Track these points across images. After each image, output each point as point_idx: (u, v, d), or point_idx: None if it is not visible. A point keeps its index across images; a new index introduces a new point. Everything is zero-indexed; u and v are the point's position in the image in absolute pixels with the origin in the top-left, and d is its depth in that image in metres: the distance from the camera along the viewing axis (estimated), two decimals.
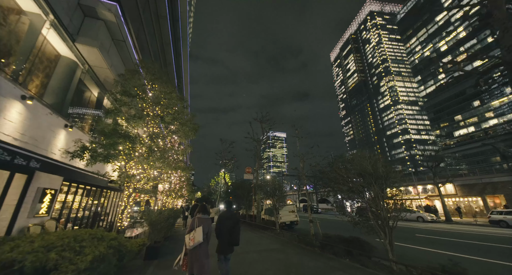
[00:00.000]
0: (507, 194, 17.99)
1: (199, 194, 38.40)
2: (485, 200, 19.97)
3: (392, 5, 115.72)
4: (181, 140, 6.57)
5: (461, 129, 68.39)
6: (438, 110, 74.59)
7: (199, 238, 3.50)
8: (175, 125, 5.97)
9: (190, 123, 6.27)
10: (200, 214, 3.88)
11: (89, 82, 7.71)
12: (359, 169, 6.47)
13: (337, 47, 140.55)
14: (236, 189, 17.67)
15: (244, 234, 11.20)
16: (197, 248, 3.55)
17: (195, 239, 3.50)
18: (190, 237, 3.56)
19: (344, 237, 7.42)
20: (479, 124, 62.86)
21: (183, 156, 6.58)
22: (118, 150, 4.66)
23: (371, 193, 6.45)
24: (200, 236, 3.52)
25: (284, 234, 10.14)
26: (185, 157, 14.14)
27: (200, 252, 3.56)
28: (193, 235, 3.54)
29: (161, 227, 6.84)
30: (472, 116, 64.90)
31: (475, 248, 8.73)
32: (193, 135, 6.37)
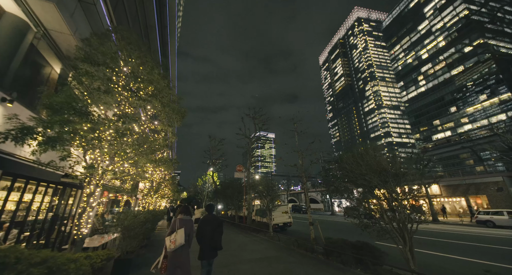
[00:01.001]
0: (489, 194, 18.59)
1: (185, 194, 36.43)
2: (468, 200, 20.57)
3: (378, 12, 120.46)
4: (163, 127, 5.31)
5: (439, 134, 72.16)
6: (418, 115, 78.22)
7: (180, 240, 3.36)
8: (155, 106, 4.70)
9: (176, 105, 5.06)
10: (181, 215, 3.72)
11: (48, 53, 6.18)
12: (374, 165, 5.66)
13: (326, 51, 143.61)
14: (225, 188, 16.44)
15: (235, 237, 10.05)
16: (178, 251, 3.39)
17: (176, 241, 3.34)
18: (171, 239, 3.39)
19: (351, 242, 6.55)
20: (455, 129, 66.62)
21: (166, 147, 5.32)
22: (72, 132, 3.35)
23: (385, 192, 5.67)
24: (181, 238, 3.37)
25: (279, 237, 9.16)
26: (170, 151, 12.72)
27: (182, 255, 3.43)
28: (175, 237, 3.37)
29: (135, 234, 5.53)
30: (449, 122, 68.65)
31: (488, 252, 8.12)
32: (179, 120, 5.15)
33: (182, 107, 5.32)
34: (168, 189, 14.96)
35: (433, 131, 73.00)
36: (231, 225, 15.69)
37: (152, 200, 11.90)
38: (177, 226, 3.53)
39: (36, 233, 6.38)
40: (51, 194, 6.70)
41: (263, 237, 9.91)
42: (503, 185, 17.46)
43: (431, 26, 72.87)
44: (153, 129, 5.57)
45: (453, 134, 67.02)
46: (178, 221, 3.60)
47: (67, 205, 7.73)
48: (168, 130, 5.23)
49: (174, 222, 3.64)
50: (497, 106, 55.09)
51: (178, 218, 3.68)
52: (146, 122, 4.83)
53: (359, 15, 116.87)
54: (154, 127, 5.20)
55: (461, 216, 17.12)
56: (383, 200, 5.66)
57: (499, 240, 10.35)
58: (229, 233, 11.40)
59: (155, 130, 5.57)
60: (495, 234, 12.12)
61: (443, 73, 68.81)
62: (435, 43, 71.61)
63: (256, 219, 14.37)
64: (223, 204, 18.54)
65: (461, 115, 64.04)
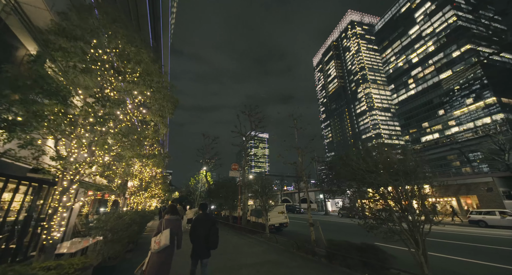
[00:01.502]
0: (479, 194, 18.96)
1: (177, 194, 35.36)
2: (459, 200, 20.97)
3: (370, 16, 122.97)
4: (153, 117, 4.69)
5: (428, 135, 74.19)
6: (408, 117, 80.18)
7: (165, 241, 3.27)
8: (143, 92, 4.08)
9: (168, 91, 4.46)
10: (168, 215, 3.65)
11: (20, 31, 5.42)
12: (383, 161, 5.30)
13: (320, 52, 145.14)
14: (219, 188, 15.82)
15: (230, 239, 9.50)
16: (162, 252, 3.30)
17: (161, 242, 3.26)
18: (156, 240, 3.32)
19: (355, 244, 6.15)
20: (443, 131, 68.73)
21: (156, 141, 4.70)
22: (39, 115, 2.71)
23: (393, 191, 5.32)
24: (166, 239, 3.29)
25: (277, 239, 8.67)
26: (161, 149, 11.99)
27: (165, 257, 3.32)
28: (159, 238, 3.30)
29: (119, 237, 4.89)
30: (437, 124, 70.71)
31: (495, 253, 7.82)
32: (170, 109, 4.56)
33: (174, 96, 4.74)
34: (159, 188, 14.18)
35: (422, 133, 74.97)
36: (225, 225, 15.10)
37: (141, 200, 11.14)
38: (163, 227, 3.44)
39: (5, 236, 5.61)
40: (24, 192, 5.92)
41: (259, 239, 9.41)
42: (492, 185, 17.84)
43: (421, 31, 74.99)
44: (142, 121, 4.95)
45: (441, 136, 69.13)
46: (165, 221, 3.51)
47: (45, 205, 6.94)
48: (159, 121, 4.62)
49: (161, 222, 3.55)
50: (482, 110, 57.28)
51: (165, 218, 3.61)
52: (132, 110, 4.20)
53: (352, 18, 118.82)
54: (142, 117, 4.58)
55: (453, 216, 17.36)
56: (391, 200, 5.29)
57: (498, 241, 10.28)
58: (223, 234, 10.83)
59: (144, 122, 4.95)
60: (492, 234, 12.13)
61: (432, 77, 70.92)
62: (425, 47, 73.73)
63: (251, 219, 13.86)
64: (216, 204, 17.90)
65: (448, 118, 66.10)
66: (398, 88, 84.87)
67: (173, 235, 3.44)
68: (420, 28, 75.49)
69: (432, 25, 70.85)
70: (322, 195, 32.69)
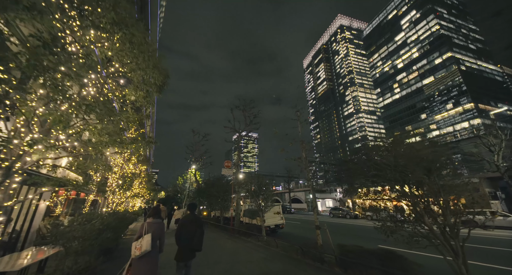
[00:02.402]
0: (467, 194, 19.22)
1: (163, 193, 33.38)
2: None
3: (359, 22, 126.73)
4: (134, 93, 3.57)
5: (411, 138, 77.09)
6: (393, 121, 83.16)
7: (146, 246, 3.02)
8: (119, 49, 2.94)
9: (154, 59, 3.38)
10: (151, 218, 3.42)
11: None
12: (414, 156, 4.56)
13: (310, 55, 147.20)
14: (209, 187, 14.66)
15: (224, 244, 8.44)
16: (144, 258, 3.05)
17: (142, 247, 3.01)
18: (136, 245, 3.07)
19: (370, 250, 5.38)
20: (425, 134, 71.83)
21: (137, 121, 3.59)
22: None
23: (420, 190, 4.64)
24: (148, 244, 3.03)
25: (277, 243, 7.77)
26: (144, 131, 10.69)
27: (148, 263, 3.08)
28: (140, 243, 3.05)
29: (87, 247, 3.74)
30: (419, 127, 73.84)
31: None
32: (158, 81, 3.47)
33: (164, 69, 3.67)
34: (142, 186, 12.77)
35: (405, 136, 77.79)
36: (216, 227, 13.95)
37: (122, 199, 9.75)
38: (144, 231, 3.23)
39: None
40: None
41: (256, 243, 8.45)
42: (479, 186, 18.32)
43: (407, 37, 78.15)
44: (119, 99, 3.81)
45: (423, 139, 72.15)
46: (147, 225, 3.30)
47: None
48: (142, 97, 3.51)
49: (142, 226, 3.33)
50: (460, 115, 60.61)
51: (147, 221, 3.38)
52: (104, 77, 3.06)
53: (341, 23, 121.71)
54: (119, 92, 3.43)
55: None
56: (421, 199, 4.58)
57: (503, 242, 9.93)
58: (215, 238, 9.75)
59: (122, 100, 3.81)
60: (491, 235, 11.88)
61: (416, 82, 74.06)
62: (410, 54, 76.90)
63: (244, 220, 12.89)
64: (206, 204, 16.70)
65: (430, 122, 69.30)
66: (384, 92, 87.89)
67: (155, 239, 3.25)
68: (406, 35, 78.62)
69: (417, 32, 74.01)
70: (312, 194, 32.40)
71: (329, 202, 35.90)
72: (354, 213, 22.99)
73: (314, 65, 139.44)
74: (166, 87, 3.76)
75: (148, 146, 3.80)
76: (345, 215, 23.59)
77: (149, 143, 3.85)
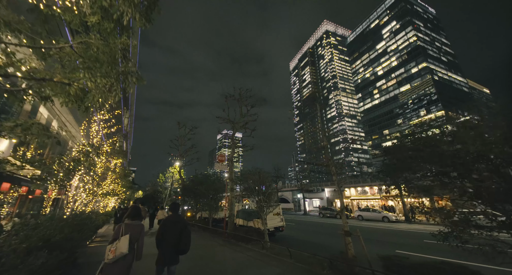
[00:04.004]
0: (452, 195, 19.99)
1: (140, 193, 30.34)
2: (432, 200, 22.13)
3: (343, 29, 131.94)
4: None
5: (388, 142, 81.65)
6: (371, 125, 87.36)
7: (122, 249, 2.75)
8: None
9: None
10: (128, 219, 3.13)
11: None
12: None
13: (296, 58, 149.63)
14: (197, 184, 13.02)
15: (220, 252, 7.00)
16: (119, 263, 2.75)
17: (116, 250, 2.73)
18: (111, 248, 2.78)
19: (430, 264, 4.19)
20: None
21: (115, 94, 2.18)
22: None
23: None
24: (124, 247, 2.76)
25: (290, 252, 6.22)
26: None
27: (123, 268, 2.80)
28: (115, 246, 2.77)
29: None
30: (396, 132, 78.25)
31: None
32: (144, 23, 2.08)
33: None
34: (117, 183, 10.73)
35: (383, 139, 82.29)
36: (205, 231, 12.32)
37: (89, 197, 7.79)
38: (121, 232, 2.93)
39: None
40: None
41: (260, 251, 7.07)
42: None
43: (387, 46, 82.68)
44: None
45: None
46: (124, 226, 3.00)
47: None
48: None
49: (119, 227, 3.01)
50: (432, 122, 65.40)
51: (125, 222, 3.08)
52: None
53: (327, 29, 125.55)
54: None
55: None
56: None
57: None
58: (207, 246, 8.23)
59: None
60: None
61: (394, 89, 78.53)
62: (389, 62, 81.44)
63: (238, 222, 11.52)
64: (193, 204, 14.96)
65: (405, 127, 73.84)
66: (364, 98, 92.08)
67: (133, 242, 2.97)
68: (386, 44, 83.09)
69: (396, 42, 78.56)
70: (302, 194, 31.98)
71: (317, 202, 35.76)
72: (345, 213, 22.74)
73: (300, 68, 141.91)
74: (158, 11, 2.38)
75: (138, 81, 2.36)
76: (335, 215, 23.30)
77: (139, 78, 2.41)
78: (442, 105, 63.11)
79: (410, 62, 72.84)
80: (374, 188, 27.58)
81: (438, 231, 3.92)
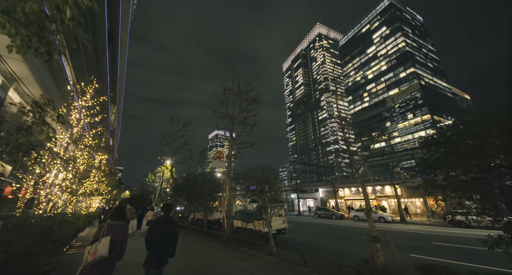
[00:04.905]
0: None
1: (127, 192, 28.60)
2: (425, 201, 22.52)
3: (336, 32, 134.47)
4: None
5: (376, 144, 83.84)
6: (361, 127, 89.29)
7: (102, 251, 2.54)
8: None
9: None
10: (111, 219, 2.93)
11: None
12: None
13: (289, 59, 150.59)
14: (192, 184, 12.08)
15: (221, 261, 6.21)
16: (98, 266, 2.55)
17: (96, 252, 2.53)
18: (90, 249, 2.58)
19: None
20: (388, 141, 78.54)
21: None
22: None
23: None
24: (104, 250, 2.55)
25: (305, 259, 5.40)
26: None
27: (103, 271, 2.62)
28: (95, 248, 2.57)
29: None
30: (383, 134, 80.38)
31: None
32: None
33: None
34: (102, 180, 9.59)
35: (372, 141, 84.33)
36: (200, 233, 11.37)
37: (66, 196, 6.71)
38: (102, 233, 2.73)
39: None
40: None
41: (267, 258, 6.28)
42: None
43: (377, 51, 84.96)
44: None
45: (387, 145, 79.08)
46: (106, 227, 2.80)
47: None
48: None
49: (101, 227, 2.81)
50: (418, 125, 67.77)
51: (106, 223, 2.88)
52: None
53: (320, 31, 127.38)
54: None
55: (429, 216, 18.09)
56: None
57: None
58: (206, 251, 7.38)
59: None
60: None
61: (383, 93, 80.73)
62: (379, 66, 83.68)
63: (236, 224, 10.71)
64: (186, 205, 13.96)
65: (393, 130, 76.06)
66: (355, 100, 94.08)
67: (115, 244, 2.75)
68: (376, 48, 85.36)
69: (386, 47, 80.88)
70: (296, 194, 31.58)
71: (311, 202, 35.51)
72: (340, 213, 22.56)
73: (293, 70, 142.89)
74: None
75: None
76: (331, 216, 23.01)
77: None
78: (428, 109, 65.52)
79: (399, 67, 75.17)
80: (368, 188, 27.69)
81: (487, 236, 3.38)
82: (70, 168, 5.81)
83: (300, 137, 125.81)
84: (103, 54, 12.09)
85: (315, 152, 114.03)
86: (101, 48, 11.57)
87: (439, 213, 20.73)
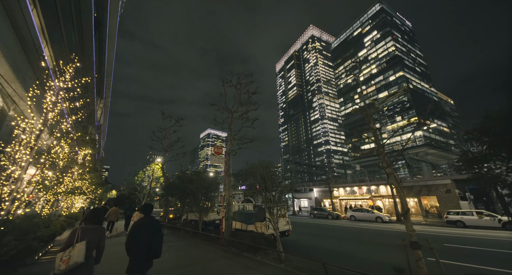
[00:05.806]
0: (439, 195, 20.75)
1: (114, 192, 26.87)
2: (420, 201, 22.70)
3: (328, 35, 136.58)
4: None
5: (366, 145, 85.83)
6: (352, 128, 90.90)
7: (77, 257, 2.33)
8: None
9: None
10: (85, 223, 2.74)
11: None
12: None
13: (282, 60, 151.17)
14: (187, 182, 11.19)
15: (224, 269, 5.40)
16: (75, 273, 2.34)
17: (70, 259, 2.30)
18: (63, 256, 2.33)
19: None
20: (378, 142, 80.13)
21: None
22: None
23: None
24: (80, 256, 2.35)
25: (326, 269, 4.63)
26: None
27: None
28: (69, 254, 2.34)
29: None
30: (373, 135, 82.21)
31: None
32: None
33: None
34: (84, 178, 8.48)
35: (362, 142, 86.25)
36: (195, 236, 10.48)
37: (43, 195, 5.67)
38: (77, 238, 2.51)
39: None
40: None
41: (278, 266, 5.48)
42: (451, 187, 19.73)
43: (368, 54, 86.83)
44: None
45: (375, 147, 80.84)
46: (81, 231, 2.58)
47: None
48: None
49: (74, 232, 2.59)
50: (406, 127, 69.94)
51: (81, 227, 2.67)
52: None
53: (313, 33, 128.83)
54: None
55: (426, 216, 18.20)
56: None
57: None
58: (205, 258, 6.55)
59: None
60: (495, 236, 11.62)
61: (373, 95, 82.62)
62: (369, 69, 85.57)
63: (235, 226, 9.94)
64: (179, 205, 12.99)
65: (382, 131, 78.01)
66: (346, 102, 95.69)
67: (91, 249, 2.58)
68: (367, 52, 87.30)
69: (377, 51, 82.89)
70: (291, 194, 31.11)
71: (305, 202, 35.17)
72: (336, 214, 22.27)
73: (286, 70, 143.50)
74: None
75: None
76: (327, 216, 22.68)
77: None
78: (416, 112, 67.73)
79: (389, 70, 77.22)
80: (362, 188, 27.72)
81: None
82: (42, 160, 4.81)
83: (292, 137, 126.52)
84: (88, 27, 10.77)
85: (306, 152, 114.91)
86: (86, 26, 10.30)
87: (433, 212, 20.99)
